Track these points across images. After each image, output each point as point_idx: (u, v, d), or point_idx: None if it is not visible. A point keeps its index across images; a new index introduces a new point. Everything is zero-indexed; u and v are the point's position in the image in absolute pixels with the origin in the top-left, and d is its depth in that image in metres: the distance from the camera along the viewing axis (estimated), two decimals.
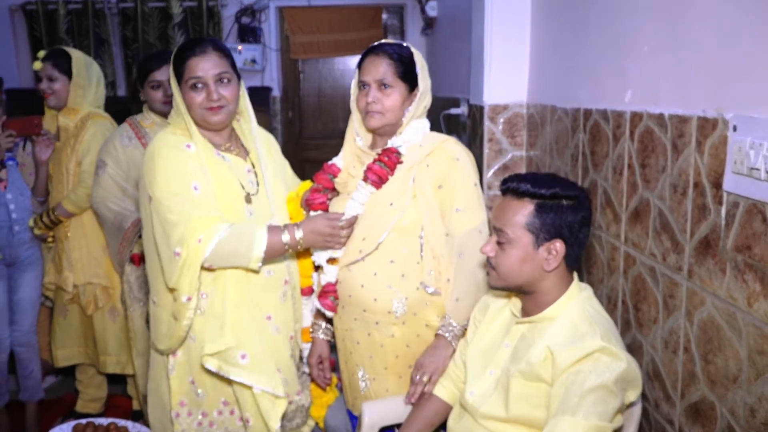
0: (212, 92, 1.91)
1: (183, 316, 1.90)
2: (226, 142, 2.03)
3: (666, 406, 1.64)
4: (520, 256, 1.59)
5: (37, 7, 5.35)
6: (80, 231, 3.06)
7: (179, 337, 1.94)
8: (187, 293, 1.86)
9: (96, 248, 3.08)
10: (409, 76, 1.97)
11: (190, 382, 2.01)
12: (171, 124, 2.01)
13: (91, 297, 3.07)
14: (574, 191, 1.60)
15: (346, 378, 2.13)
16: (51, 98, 3.06)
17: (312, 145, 5.94)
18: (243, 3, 5.52)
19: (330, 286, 2.03)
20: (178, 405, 2.02)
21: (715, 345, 1.41)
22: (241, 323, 1.95)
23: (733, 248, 1.33)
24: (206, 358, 1.91)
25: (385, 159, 1.97)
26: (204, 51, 1.91)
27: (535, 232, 1.57)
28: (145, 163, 1.93)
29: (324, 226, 1.93)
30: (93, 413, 3.27)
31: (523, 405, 1.58)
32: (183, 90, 1.93)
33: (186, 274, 1.84)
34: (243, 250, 1.86)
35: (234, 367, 1.92)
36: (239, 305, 1.95)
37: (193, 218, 1.83)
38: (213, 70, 1.91)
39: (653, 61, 1.66)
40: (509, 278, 1.62)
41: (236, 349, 1.92)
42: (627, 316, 1.85)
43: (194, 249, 1.82)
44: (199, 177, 1.89)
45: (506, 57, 2.72)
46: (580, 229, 1.60)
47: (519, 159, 2.79)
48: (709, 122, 1.40)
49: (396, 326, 1.98)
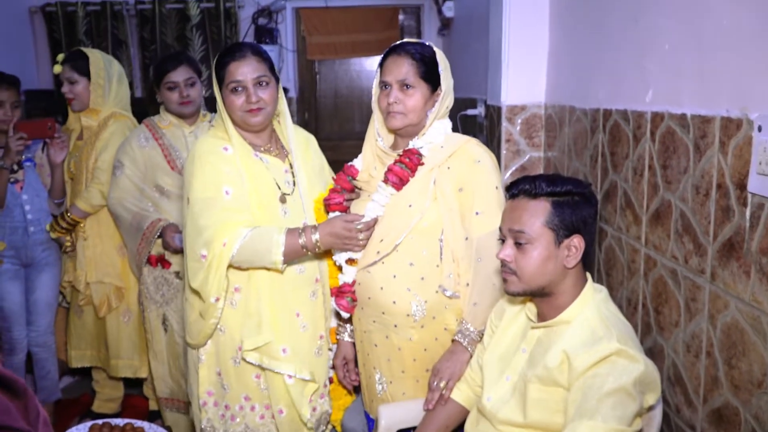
0: (251, 95, 1.97)
1: (211, 315, 1.98)
2: (266, 144, 2.09)
3: (688, 412, 1.61)
4: (543, 255, 1.58)
5: (56, 9, 5.39)
6: (95, 230, 3.06)
7: (206, 334, 2.03)
8: (215, 294, 1.94)
9: (110, 248, 3.07)
10: (431, 76, 1.95)
11: (217, 373, 2.08)
12: (214, 127, 2.08)
13: (104, 297, 3.06)
14: (583, 187, 1.62)
15: (364, 380, 2.12)
16: (74, 102, 3.05)
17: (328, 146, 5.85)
18: (260, 4, 5.53)
19: (347, 287, 2.03)
20: (206, 394, 2.09)
21: (739, 349, 1.38)
22: (278, 320, 2.02)
23: (758, 250, 1.30)
24: (247, 353, 1.99)
25: (406, 160, 1.95)
26: (243, 56, 1.98)
27: (555, 229, 1.57)
28: (186, 167, 2.03)
29: (341, 228, 1.94)
30: (110, 413, 3.28)
31: (541, 410, 1.56)
32: (224, 94, 2.00)
33: (213, 276, 1.92)
34: (263, 252, 1.92)
35: (275, 359, 2.00)
36: (273, 302, 2.02)
37: (220, 223, 1.91)
38: (252, 74, 1.97)
39: (675, 60, 1.63)
40: (533, 280, 1.60)
41: (276, 343, 2.00)
42: (647, 319, 1.82)
43: (219, 252, 1.90)
44: (233, 180, 1.96)
45: (524, 57, 2.70)
46: (592, 223, 1.61)
47: (537, 160, 2.77)
48: (733, 122, 1.37)
49: (414, 329, 1.97)
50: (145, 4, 5.43)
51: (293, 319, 2.06)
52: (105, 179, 2.95)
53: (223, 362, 2.06)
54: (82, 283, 3.05)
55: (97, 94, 3.05)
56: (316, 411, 2.12)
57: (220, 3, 5.40)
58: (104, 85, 3.06)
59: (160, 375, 2.96)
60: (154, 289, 2.89)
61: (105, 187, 2.96)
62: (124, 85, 3.17)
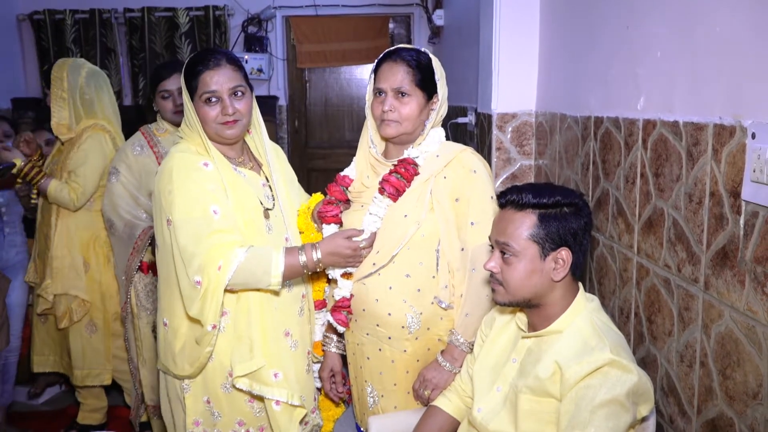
0: (227, 106, 1.86)
1: (207, 342, 1.86)
2: (239, 156, 1.99)
3: (682, 422, 1.59)
4: (528, 269, 1.55)
5: (44, 17, 5.37)
6: (64, 241, 3.01)
7: (202, 363, 1.90)
8: (212, 321, 1.82)
9: (78, 260, 3.02)
10: (427, 84, 1.92)
11: (206, 402, 1.96)
12: (184, 139, 1.95)
13: (65, 309, 3.01)
14: (574, 198, 1.57)
15: (356, 393, 2.09)
16: None
17: (318, 154, 5.92)
18: (250, 12, 5.52)
19: (344, 301, 1.98)
20: (193, 424, 1.96)
21: (734, 359, 1.36)
22: (269, 343, 1.92)
23: (752, 259, 1.28)
24: (237, 380, 1.88)
25: (401, 170, 1.92)
26: (218, 64, 1.86)
27: (541, 242, 1.54)
28: (161, 181, 1.87)
29: (344, 248, 1.87)
30: (95, 424, 3.25)
31: (532, 421, 1.54)
32: (196, 104, 1.88)
33: (210, 302, 1.79)
34: (261, 274, 1.82)
35: (266, 385, 1.89)
36: (264, 325, 1.92)
37: (212, 246, 1.79)
38: (228, 84, 1.86)
39: (667, 67, 1.62)
40: (518, 292, 1.58)
41: (267, 368, 1.89)
42: (640, 329, 1.80)
43: (215, 277, 1.78)
44: (218, 198, 1.84)
45: (514, 64, 2.69)
46: (583, 235, 1.57)
47: (528, 168, 2.75)
48: (726, 129, 1.36)
49: (409, 341, 1.94)
50: (134, 12, 5.42)
51: (283, 340, 1.97)
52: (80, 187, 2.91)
53: (213, 390, 1.94)
54: (50, 293, 3.00)
55: (59, 106, 2.95)
56: (308, 425, 2.07)
57: (209, 11, 5.39)
58: (67, 98, 2.96)
59: (149, 383, 2.92)
60: (144, 296, 2.87)
61: (75, 194, 2.91)
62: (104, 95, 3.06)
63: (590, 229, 1.59)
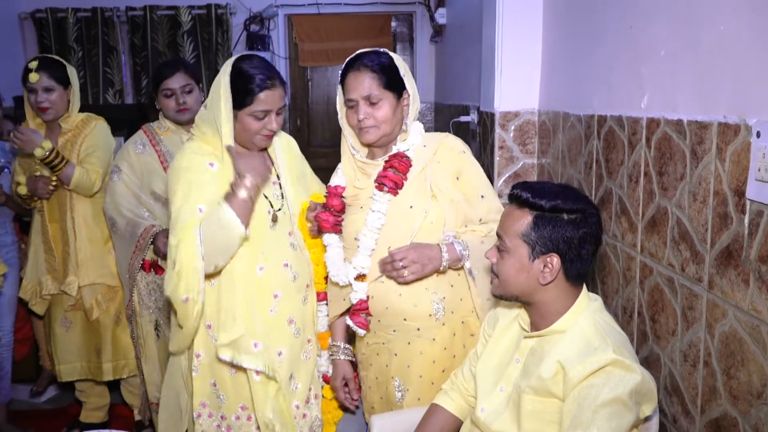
0: (272, 122, 1.98)
1: (186, 317, 1.93)
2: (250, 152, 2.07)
3: (685, 422, 1.59)
4: (516, 266, 1.56)
5: (46, 15, 5.36)
6: (84, 233, 3.01)
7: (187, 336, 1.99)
8: (184, 293, 1.88)
9: (100, 250, 3.04)
10: (394, 83, 1.96)
11: (212, 384, 2.06)
12: (199, 138, 2.03)
13: (94, 299, 3.02)
14: (579, 206, 1.53)
15: (377, 393, 2.08)
16: (49, 111, 2.92)
17: (320, 153, 5.90)
18: (252, 11, 5.51)
19: (362, 303, 1.99)
20: (200, 405, 2.07)
21: (738, 359, 1.36)
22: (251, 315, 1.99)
23: (757, 258, 1.28)
24: (221, 349, 1.97)
25: (396, 164, 1.96)
26: (274, 85, 1.95)
27: (531, 243, 1.53)
28: (169, 177, 2.02)
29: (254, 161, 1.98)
30: (97, 422, 3.25)
31: (536, 422, 1.53)
32: (240, 114, 1.95)
33: (181, 278, 1.87)
34: (222, 234, 1.88)
35: (246, 354, 1.97)
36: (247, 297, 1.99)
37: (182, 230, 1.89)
38: (278, 104, 1.98)
39: (671, 66, 1.61)
40: (507, 287, 1.60)
41: (248, 337, 1.97)
42: (643, 328, 1.80)
43: (183, 251, 1.86)
44: (209, 199, 1.92)
45: (517, 63, 2.69)
46: (580, 245, 1.53)
47: (530, 167, 2.75)
48: (731, 128, 1.35)
49: (437, 328, 1.97)
50: (136, 10, 5.41)
51: (286, 327, 2.06)
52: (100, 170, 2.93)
53: (220, 374, 2.05)
54: (75, 288, 2.99)
55: (75, 100, 3.01)
56: (306, 417, 2.13)
57: (211, 10, 5.38)
58: (77, 93, 3.03)
59: (153, 380, 2.93)
60: (146, 294, 2.87)
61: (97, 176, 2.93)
62: None
63: (593, 241, 1.55)
